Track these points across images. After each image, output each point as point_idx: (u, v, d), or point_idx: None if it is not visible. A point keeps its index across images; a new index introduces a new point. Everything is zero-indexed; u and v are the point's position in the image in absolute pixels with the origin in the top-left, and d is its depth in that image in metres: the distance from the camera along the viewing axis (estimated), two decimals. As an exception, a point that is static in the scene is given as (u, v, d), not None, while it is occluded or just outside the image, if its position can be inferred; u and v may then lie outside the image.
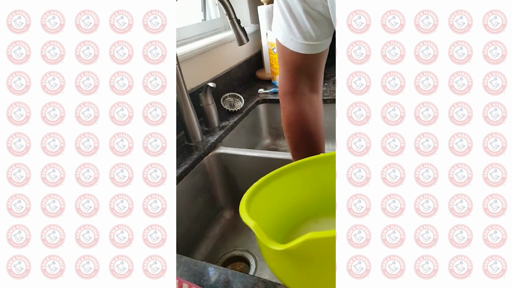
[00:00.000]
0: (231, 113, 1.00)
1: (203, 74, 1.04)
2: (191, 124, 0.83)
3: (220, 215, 0.89)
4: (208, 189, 0.84)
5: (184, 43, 1.07)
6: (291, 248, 0.28)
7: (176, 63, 0.76)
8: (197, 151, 0.80)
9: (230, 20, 0.76)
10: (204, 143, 0.84)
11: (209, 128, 0.92)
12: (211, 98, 0.89)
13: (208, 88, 0.86)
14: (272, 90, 1.14)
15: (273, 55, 1.15)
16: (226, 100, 1.03)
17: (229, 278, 0.42)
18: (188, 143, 0.85)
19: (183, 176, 0.73)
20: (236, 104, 1.03)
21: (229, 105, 1.02)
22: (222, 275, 0.42)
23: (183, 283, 0.40)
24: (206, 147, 0.82)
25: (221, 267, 0.44)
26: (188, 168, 0.74)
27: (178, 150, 0.82)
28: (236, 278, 0.42)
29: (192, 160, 0.76)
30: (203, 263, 0.45)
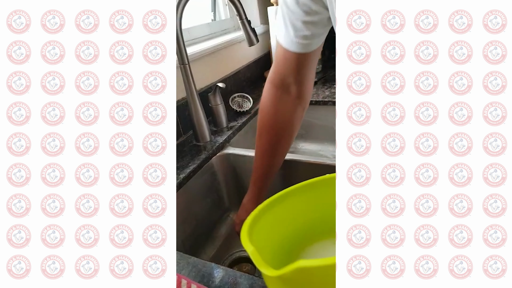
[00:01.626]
0: (239, 113, 1.00)
1: (212, 74, 1.04)
2: (199, 124, 0.82)
3: (227, 215, 0.89)
4: (215, 190, 0.84)
5: (194, 43, 1.07)
6: (283, 275, 0.29)
7: (186, 63, 0.76)
8: (206, 151, 0.80)
9: (240, 20, 0.77)
10: (212, 143, 0.84)
11: (217, 128, 0.92)
12: (220, 98, 0.89)
13: (218, 88, 0.86)
14: (281, 91, 1.14)
15: None
16: (234, 101, 1.02)
17: (237, 280, 0.42)
18: (196, 143, 0.85)
19: (191, 175, 0.73)
20: (244, 104, 1.02)
21: (237, 105, 1.01)
22: (231, 277, 0.43)
23: (182, 279, 0.40)
24: (215, 147, 0.82)
25: (229, 269, 0.44)
26: (196, 168, 0.74)
27: (186, 149, 0.82)
28: (245, 280, 0.42)
29: (200, 160, 0.76)
30: (212, 264, 0.45)
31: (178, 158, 0.78)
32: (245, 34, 0.79)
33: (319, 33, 0.52)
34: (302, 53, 0.53)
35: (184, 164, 0.75)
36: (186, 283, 0.40)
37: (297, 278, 0.29)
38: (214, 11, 1.25)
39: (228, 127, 0.92)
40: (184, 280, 0.40)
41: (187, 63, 0.77)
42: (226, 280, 0.42)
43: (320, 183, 0.47)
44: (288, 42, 0.52)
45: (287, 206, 0.46)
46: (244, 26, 0.77)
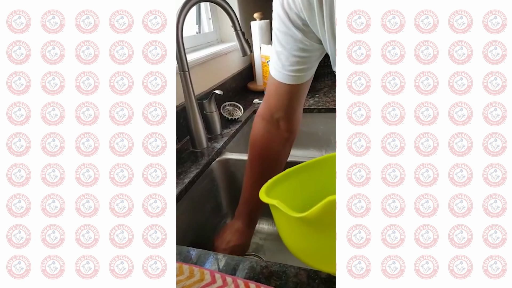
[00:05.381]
0: (230, 121, 1.03)
1: (199, 85, 1.07)
2: (197, 131, 0.84)
3: (224, 222, 0.89)
4: (213, 195, 0.84)
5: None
6: (313, 213, 0.30)
7: (186, 70, 0.78)
8: (205, 156, 0.81)
9: (235, 32, 0.80)
10: (209, 149, 0.85)
11: (212, 135, 0.93)
12: (215, 106, 0.91)
13: (214, 95, 0.88)
14: (267, 100, 1.19)
15: (266, 67, 1.20)
16: (225, 109, 1.07)
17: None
18: (193, 149, 0.85)
19: (195, 180, 0.73)
20: (235, 112, 1.07)
21: (228, 113, 1.06)
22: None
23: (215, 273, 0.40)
24: (213, 153, 0.82)
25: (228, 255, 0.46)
26: (199, 173, 0.74)
27: (184, 156, 0.83)
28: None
29: (201, 165, 0.77)
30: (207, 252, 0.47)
31: (178, 164, 0.78)
32: (239, 44, 0.82)
33: (311, 66, 0.53)
34: (294, 85, 0.54)
35: (185, 169, 0.75)
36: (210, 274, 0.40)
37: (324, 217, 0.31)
38: (199, 24, 1.30)
39: (222, 134, 0.93)
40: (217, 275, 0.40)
41: (187, 70, 0.78)
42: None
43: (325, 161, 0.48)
44: (280, 75, 0.54)
45: (299, 180, 0.47)
46: (238, 37, 0.81)
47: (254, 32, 1.25)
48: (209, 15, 1.29)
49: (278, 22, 0.49)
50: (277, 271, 0.42)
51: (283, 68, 0.52)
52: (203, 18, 1.28)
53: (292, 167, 0.47)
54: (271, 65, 0.55)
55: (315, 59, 0.53)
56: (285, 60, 0.51)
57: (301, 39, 0.48)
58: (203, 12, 1.28)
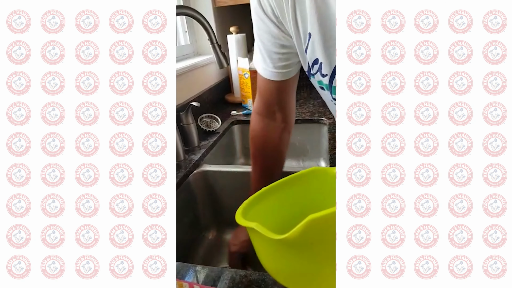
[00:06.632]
0: (207, 133, 1.03)
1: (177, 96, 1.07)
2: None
3: (203, 235, 0.88)
4: (191, 209, 0.83)
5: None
6: (294, 234, 0.28)
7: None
8: (182, 169, 0.80)
9: (212, 45, 0.82)
10: (187, 162, 0.84)
11: (189, 148, 0.92)
12: (192, 118, 0.91)
13: (190, 107, 0.88)
14: (245, 112, 1.21)
15: (244, 79, 1.21)
16: (203, 121, 1.07)
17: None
18: None
19: None
20: (212, 124, 1.08)
21: (205, 125, 1.06)
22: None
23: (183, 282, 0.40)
24: (191, 165, 0.82)
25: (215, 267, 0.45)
26: (176, 186, 0.73)
27: None
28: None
29: (178, 178, 0.76)
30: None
31: None
32: (216, 57, 0.84)
33: (295, 62, 0.54)
34: (282, 81, 0.56)
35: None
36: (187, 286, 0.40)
37: (305, 237, 0.29)
38: (175, 37, 1.31)
39: (199, 146, 0.93)
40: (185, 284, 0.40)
41: None
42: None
43: (306, 176, 0.47)
44: (267, 73, 0.55)
45: (278, 198, 0.46)
46: (215, 50, 0.83)
47: (231, 45, 1.27)
48: (185, 28, 1.31)
49: (257, 20, 0.50)
50: (256, 280, 0.42)
51: (268, 65, 0.54)
52: (179, 31, 1.30)
53: (269, 185, 0.45)
54: (257, 63, 0.57)
55: (297, 55, 0.53)
56: (268, 58, 0.53)
57: (278, 35, 0.49)
58: (179, 25, 1.29)
